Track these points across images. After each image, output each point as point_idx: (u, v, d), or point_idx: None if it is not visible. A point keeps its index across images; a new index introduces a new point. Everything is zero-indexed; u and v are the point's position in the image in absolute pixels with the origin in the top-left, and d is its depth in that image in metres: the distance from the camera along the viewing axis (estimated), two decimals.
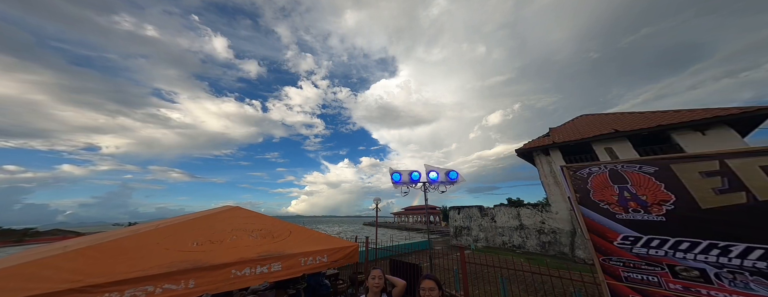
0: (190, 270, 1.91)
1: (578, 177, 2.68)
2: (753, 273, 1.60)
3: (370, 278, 1.82)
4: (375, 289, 1.76)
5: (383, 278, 1.83)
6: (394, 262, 4.90)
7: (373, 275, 1.82)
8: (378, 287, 1.76)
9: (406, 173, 4.41)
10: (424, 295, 1.67)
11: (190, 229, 2.64)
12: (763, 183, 1.71)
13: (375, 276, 1.81)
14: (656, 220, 2.03)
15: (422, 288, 1.71)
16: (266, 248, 2.63)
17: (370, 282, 1.79)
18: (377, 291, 1.77)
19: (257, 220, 3.32)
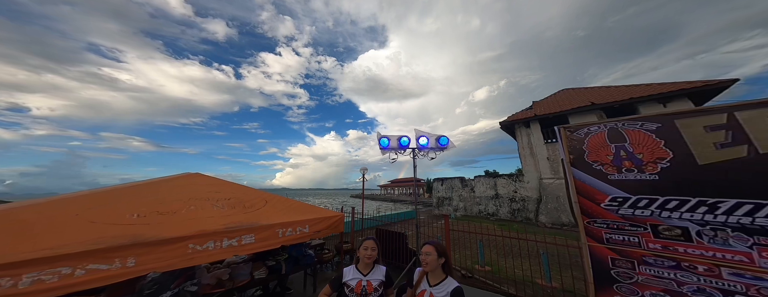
0: (127, 246, 1.52)
1: (575, 137, 2.58)
2: (735, 229, 1.65)
3: (362, 249, 1.63)
4: (367, 260, 1.61)
5: (377, 250, 1.64)
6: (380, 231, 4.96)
7: (365, 246, 1.62)
8: (370, 259, 1.61)
9: (394, 138, 4.10)
10: (422, 258, 1.54)
11: (127, 198, 2.15)
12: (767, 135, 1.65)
13: (368, 247, 1.63)
14: (649, 179, 2.03)
15: (420, 252, 1.58)
16: (235, 219, 2.29)
17: (362, 253, 1.62)
18: (369, 262, 1.62)
19: (225, 188, 2.89)
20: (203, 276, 2.20)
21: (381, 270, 1.68)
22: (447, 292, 1.41)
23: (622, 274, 2.09)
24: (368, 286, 1.57)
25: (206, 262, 1.94)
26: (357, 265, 1.66)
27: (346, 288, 1.58)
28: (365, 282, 1.58)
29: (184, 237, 1.81)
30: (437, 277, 1.50)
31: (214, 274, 2.30)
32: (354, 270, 1.65)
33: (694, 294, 1.76)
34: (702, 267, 1.75)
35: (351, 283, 1.58)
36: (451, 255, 3.33)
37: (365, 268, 1.64)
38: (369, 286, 1.58)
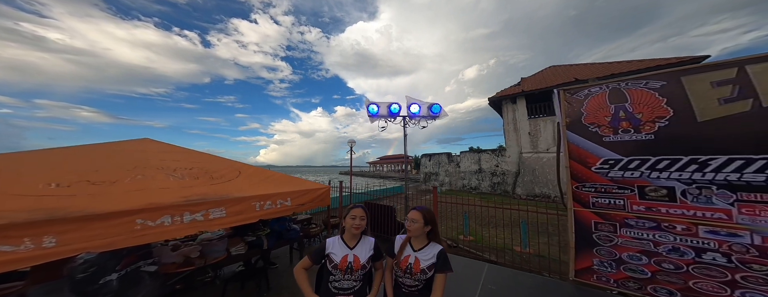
0: (40, 223, 1.17)
1: (575, 99, 2.47)
2: (720, 186, 1.70)
3: (349, 218, 1.36)
4: (354, 231, 1.36)
5: (365, 219, 1.40)
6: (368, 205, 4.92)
7: (353, 214, 1.36)
8: (358, 229, 1.36)
9: (384, 106, 3.77)
10: (408, 225, 1.38)
11: (44, 165, 1.71)
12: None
13: (356, 216, 1.36)
14: (644, 139, 2.02)
15: (408, 219, 1.41)
16: (199, 191, 1.96)
17: (349, 222, 1.35)
18: (356, 233, 1.38)
19: (185, 157, 2.48)
20: (165, 254, 1.93)
21: (369, 242, 1.42)
22: (433, 255, 1.31)
23: (603, 237, 2.18)
24: (355, 262, 1.31)
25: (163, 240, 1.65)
26: (342, 236, 1.43)
27: (328, 262, 1.32)
28: (352, 256, 1.32)
29: (128, 211, 1.48)
30: (421, 243, 1.39)
31: (181, 252, 2.04)
32: (339, 242, 1.39)
33: (668, 253, 1.88)
34: (680, 226, 1.84)
35: (335, 257, 1.32)
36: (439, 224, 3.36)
37: (352, 240, 1.39)
38: (356, 262, 1.31)
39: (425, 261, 1.30)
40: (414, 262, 1.32)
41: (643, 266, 2.01)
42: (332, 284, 1.29)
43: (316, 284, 1.38)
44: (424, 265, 1.29)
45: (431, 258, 1.31)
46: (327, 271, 1.31)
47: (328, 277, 1.30)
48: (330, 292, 1.28)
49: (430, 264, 1.30)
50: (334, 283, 1.29)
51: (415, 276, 1.29)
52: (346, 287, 1.28)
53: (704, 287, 1.77)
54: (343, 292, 1.28)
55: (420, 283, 1.30)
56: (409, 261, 1.33)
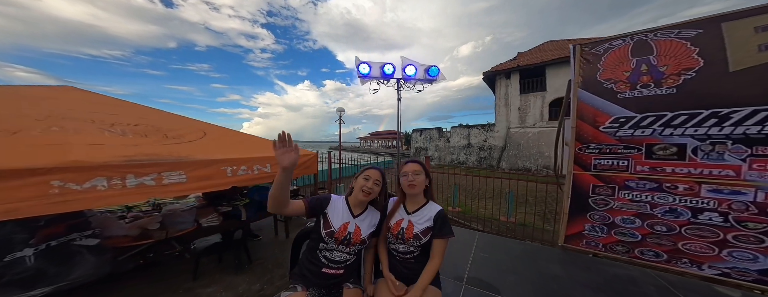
0: None
1: (593, 54, 2.22)
2: (737, 141, 1.60)
3: (362, 178, 1.08)
4: (363, 196, 1.06)
5: (380, 185, 1.10)
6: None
7: (367, 175, 1.08)
8: (368, 195, 1.07)
9: (377, 66, 3.31)
10: (409, 180, 1.11)
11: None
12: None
13: (369, 177, 1.07)
14: (664, 93, 1.86)
15: (403, 173, 1.13)
16: (148, 151, 1.58)
17: (361, 183, 1.07)
18: (365, 200, 1.08)
19: (128, 111, 2.01)
20: (112, 226, 1.61)
21: (375, 215, 1.16)
22: (429, 218, 1.10)
23: (598, 201, 2.15)
24: (355, 234, 1.06)
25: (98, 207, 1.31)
26: (348, 198, 1.14)
27: (323, 225, 1.05)
28: (353, 226, 1.07)
29: (38, 170, 1.10)
30: (417, 203, 1.16)
31: (135, 224, 1.73)
32: (343, 204, 1.11)
33: (663, 215, 1.87)
34: (683, 186, 1.80)
35: (334, 221, 1.06)
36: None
37: (357, 207, 1.12)
38: (356, 234, 1.06)
39: (420, 225, 1.10)
40: (406, 226, 1.11)
41: (634, 229, 2.02)
42: (322, 252, 1.05)
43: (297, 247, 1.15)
44: (417, 229, 1.09)
45: (427, 221, 1.10)
46: (318, 237, 1.05)
47: (319, 243, 1.05)
48: (318, 260, 1.04)
49: (424, 228, 1.09)
50: (324, 252, 1.05)
51: (409, 242, 1.09)
52: (337, 259, 1.05)
53: (692, 248, 1.80)
54: (334, 266, 1.04)
55: (415, 250, 1.11)
56: (402, 225, 1.12)
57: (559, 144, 3.18)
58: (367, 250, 1.20)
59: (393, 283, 1.05)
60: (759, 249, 1.59)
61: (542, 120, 11.65)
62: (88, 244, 1.34)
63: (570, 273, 1.97)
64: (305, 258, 1.09)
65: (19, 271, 1.09)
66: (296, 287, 1.01)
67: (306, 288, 1.01)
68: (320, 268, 1.03)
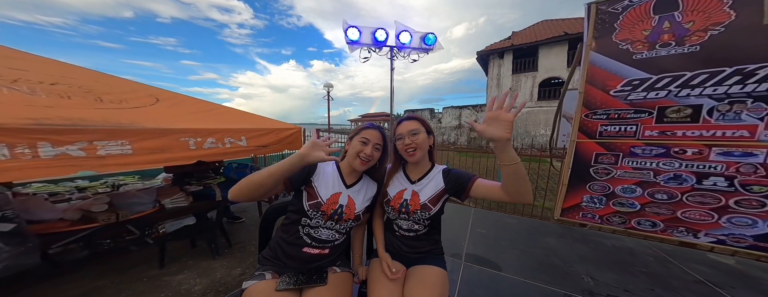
0: None
1: (610, 13, 1.99)
2: (757, 99, 1.48)
3: (358, 141, 0.84)
4: (359, 164, 0.85)
5: (381, 151, 0.87)
6: None
7: (364, 137, 0.84)
8: (365, 164, 0.84)
9: (367, 32, 2.91)
10: (405, 144, 0.87)
11: None
12: None
13: (368, 140, 0.84)
14: (686, 52, 1.69)
15: (399, 135, 0.90)
16: (71, 114, 1.23)
17: (356, 146, 0.84)
18: (361, 167, 0.86)
19: (43, 67, 1.56)
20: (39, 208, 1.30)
21: (372, 187, 0.94)
22: (438, 181, 0.89)
23: (600, 171, 2.07)
24: (348, 208, 0.84)
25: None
26: (339, 163, 0.92)
27: (307, 193, 0.82)
28: (346, 199, 0.85)
29: None
30: (421, 169, 0.93)
31: (74, 206, 1.42)
32: (334, 171, 0.89)
33: (666, 182, 1.80)
34: (691, 150, 1.72)
35: (321, 190, 0.83)
36: None
37: (351, 176, 0.90)
38: (349, 208, 0.84)
39: (427, 192, 0.88)
40: (411, 197, 0.89)
41: (634, 199, 1.97)
42: (304, 229, 0.82)
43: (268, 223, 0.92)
44: (424, 198, 0.87)
45: (436, 185, 0.88)
46: (299, 210, 0.81)
47: (301, 218, 0.81)
48: (298, 239, 0.81)
49: (434, 194, 0.87)
50: (306, 229, 0.82)
51: (414, 215, 0.88)
52: (323, 239, 0.82)
53: (691, 216, 1.77)
54: (317, 245, 0.82)
55: (421, 227, 0.91)
56: (404, 197, 0.90)
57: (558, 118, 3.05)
58: (357, 227, 0.99)
59: (389, 264, 0.86)
60: (759, 214, 1.57)
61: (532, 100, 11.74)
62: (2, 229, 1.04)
63: (569, 246, 1.94)
64: (279, 237, 0.86)
65: None
66: (263, 274, 0.78)
67: (277, 274, 0.79)
68: (300, 248, 0.81)
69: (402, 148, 0.89)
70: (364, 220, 0.96)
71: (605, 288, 1.43)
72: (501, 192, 0.75)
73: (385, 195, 0.94)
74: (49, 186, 2.11)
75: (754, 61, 1.51)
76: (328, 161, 0.77)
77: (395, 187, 0.94)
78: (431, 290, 0.78)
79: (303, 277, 0.78)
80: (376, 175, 0.95)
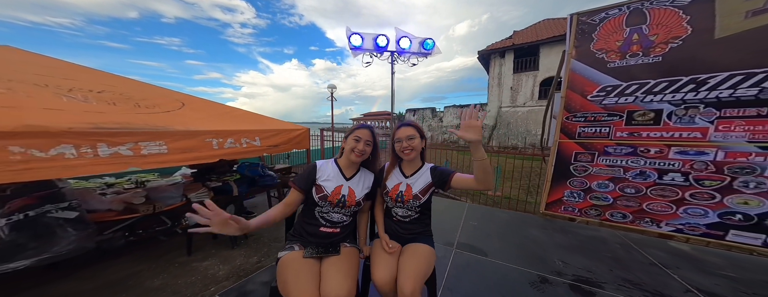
0: None
1: (589, 23, 2.19)
2: (708, 104, 1.71)
3: (352, 139, 1.04)
4: (354, 157, 1.04)
5: (372, 145, 1.07)
6: None
7: (357, 136, 1.03)
8: (360, 156, 1.04)
9: (369, 38, 3.12)
10: (403, 147, 1.08)
11: None
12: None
13: (360, 137, 1.03)
14: (651, 62, 1.92)
15: (397, 139, 1.10)
16: (118, 119, 1.44)
17: (350, 144, 1.04)
18: (357, 161, 1.06)
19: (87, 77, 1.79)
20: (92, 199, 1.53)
21: (368, 177, 1.14)
22: (426, 176, 1.11)
23: (579, 168, 2.30)
24: (349, 197, 1.04)
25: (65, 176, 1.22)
26: (338, 160, 1.12)
27: (315, 191, 1.03)
28: (346, 189, 1.05)
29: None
30: (414, 166, 1.16)
31: (118, 198, 1.65)
32: (334, 167, 1.09)
33: (634, 178, 2.04)
34: (654, 150, 1.95)
35: (327, 185, 1.03)
36: None
37: (349, 169, 1.10)
38: (350, 197, 1.04)
39: (418, 185, 1.10)
40: (405, 189, 1.11)
41: (607, 193, 2.20)
42: (319, 213, 1.05)
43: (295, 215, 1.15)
44: (416, 189, 1.10)
45: (424, 180, 1.10)
46: (312, 201, 1.04)
47: (314, 209, 1.05)
48: (315, 220, 1.05)
49: (423, 187, 1.10)
50: (321, 213, 1.05)
51: (408, 204, 1.10)
52: (334, 220, 1.05)
53: (654, 208, 2.01)
54: (331, 225, 1.05)
55: (414, 213, 1.13)
56: (400, 189, 1.12)
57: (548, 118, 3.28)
58: (361, 213, 1.21)
59: (387, 242, 1.08)
60: (709, 205, 1.80)
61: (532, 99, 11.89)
62: (66, 216, 1.27)
63: (549, 236, 2.17)
64: (301, 219, 1.09)
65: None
66: (293, 247, 1.01)
67: (303, 247, 1.02)
68: (318, 228, 1.04)
69: (399, 149, 1.09)
70: (366, 205, 1.18)
71: (573, 270, 1.67)
72: (473, 181, 0.98)
73: (384, 187, 1.15)
74: (82, 182, 2.35)
75: (706, 71, 1.73)
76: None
77: (392, 181, 1.15)
78: (419, 261, 1.01)
79: (322, 248, 1.01)
80: (371, 167, 1.16)
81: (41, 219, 1.18)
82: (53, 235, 1.19)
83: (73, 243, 1.25)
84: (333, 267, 0.94)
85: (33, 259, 1.12)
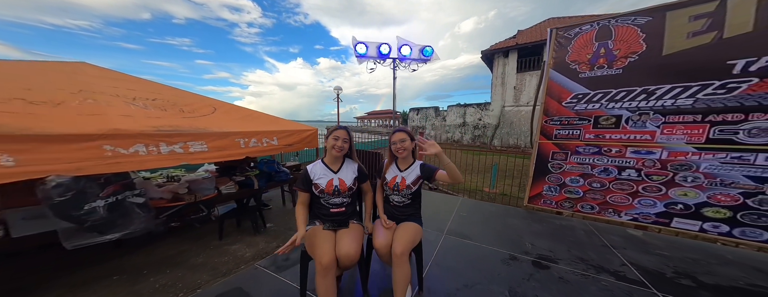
0: None
1: (565, 37, 2.49)
2: (656, 111, 2.02)
3: (331, 139, 1.37)
4: (336, 153, 1.38)
5: (349, 142, 1.41)
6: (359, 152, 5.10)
7: (335, 136, 1.36)
8: (340, 151, 1.38)
9: (373, 46, 3.44)
10: (397, 148, 1.43)
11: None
12: (743, 19, 1.71)
13: (338, 137, 1.36)
14: (613, 73, 2.23)
15: (393, 142, 1.44)
16: (170, 122, 1.81)
17: (330, 142, 1.38)
18: (338, 156, 1.40)
19: (143, 87, 2.17)
20: (151, 189, 1.91)
21: (353, 166, 1.44)
22: (417, 170, 1.44)
23: (555, 165, 2.62)
24: (341, 185, 1.34)
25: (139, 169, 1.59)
26: (324, 159, 1.42)
27: (314, 188, 1.34)
28: (337, 180, 1.35)
29: (91, 135, 1.34)
30: (407, 162, 1.48)
31: (167, 188, 2.02)
32: (321, 166, 1.39)
33: (599, 174, 2.36)
34: (615, 149, 2.27)
35: (320, 182, 1.35)
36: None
37: (334, 164, 1.39)
38: (342, 185, 1.34)
39: (410, 177, 1.44)
40: (400, 181, 1.45)
41: (578, 187, 2.51)
42: (324, 201, 1.40)
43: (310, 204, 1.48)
44: (409, 181, 1.43)
45: (415, 173, 1.44)
46: (315, 196, 1.39)
47: (319, 199, 1.40)
48: (323, 207, 1.39)
49: (415, 177, 1.43)
50: (325, 201, 1.39)
51: (402, 192, 1.44)
52: (337, 203, 1.39)
53: (616, 200, 2.32)
54: (335, 207, 1.39)
55: (406, 199, 1.46)
56: (396, 180, 1.45)
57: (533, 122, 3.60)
58: (365, 196, 1.56)
59: (385, 220, 1.42)
60: (657, 196, 2.11)
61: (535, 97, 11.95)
62: (137, 201, 1.64)
63: (526, 225, 2.50)
64: (315, 207, 1.44)
65: (96, 218, 1.38)
66: (315, 222, 1.37)
67: (322, 223, 1.37)
68: (328, 210, 1.39)
69: (395, 149, 1.43)
70: (366, 188, 1.51)
71: (538, 250, 2.00)
72: (447, 177, 1.32)
73: (384, 179, 1.50)
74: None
75: (654, 83, 2.03)
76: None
77: (390, 174, 1.50)
78: (408, 233, 1.35)
79: (335, 224, 1.36)
80: (352, 156, 1.45)
81: (123, 202, 1.55)
82: (130, 216, 1.56)
83: (142, 223, 1.62)
84: (344, 235, 1.29)
85: (119, 233, 1.49)
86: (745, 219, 1.81)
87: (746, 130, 1.73)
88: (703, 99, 1.85)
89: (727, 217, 1.87)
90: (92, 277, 1.70)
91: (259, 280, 1.65)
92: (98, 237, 1.43)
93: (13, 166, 1.09)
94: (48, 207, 1.25)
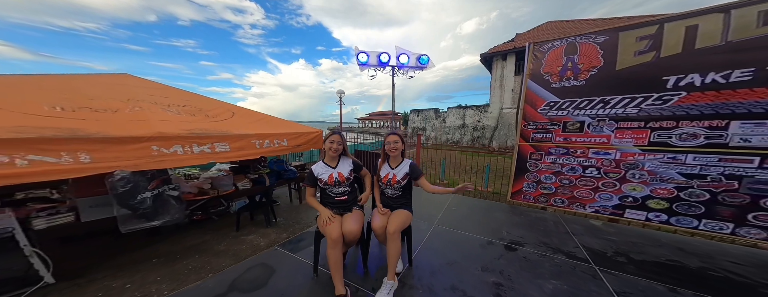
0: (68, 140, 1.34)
1: (540, 51, 2.85)
2: (611, 119, 2.40)
3: (328, 142, 1.68)
4: (332, 153, 1.68)
5: (342, 143, 1.72)
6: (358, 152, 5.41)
7: (331, 140, 1.66)
8: (336, 152, 1.69)
9: (374, 55, 3.78)
10: (390, 148, 1.74)
11: (32, 89, 1.77)
12: (674, 42, 2.07)
13: (334, 140, 1.67)
14: (578, 84, 2.59)
15: (387, 142, 1.76)
16: (199, 126, 2.13)
17: (327, 145, 1.68)
18: (334, 156, 1.70)
19: (174, 94, 2.51)
20: (182, 184, 2.23)
21: (348, 161, 1.75)
22: (406, 168, 1.73)
23: (532, 164, 2.98)
24: (340, 177, 1.67)
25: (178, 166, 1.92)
26: (324, 159, 1.74)
27: (319, 182, 1.68)
28: (336, 174, 1.68)
29: (142, 137, 1.67)
30: (397, 161, 1.76)
31: (193, 184, 2.35)
32: (322, 165, 1.72)
33: (568, 172, 2.73)
34: (579, 150, 2.63)
35: (323, 176, 1.68)
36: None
37: (332, 162, 1.72)
38: (340, 176, 1.67)
39: (400, 174, 1.76)
40: (392, 177, 1.77)
41: (551, 184, 2.86)
42: (327, 192, 1.74)
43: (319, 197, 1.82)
44: (399, 176, 1.76)
45: (404, 170, 1.75)
46: (321, 188, 1.74)
47: (324, 191, 1.74)
48: (329, 196, 1.74)
49: (403, 174, 1.76)
50: (328, 191, 1.74)
51: (394, 186, 1.76)
52: (339, 191, 1.73)
53: (581, 194, 2.67)
54: (339, 195, 1.73)
55: (398, 191, 1.79)
56: (389, 177, 1.78)
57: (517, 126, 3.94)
58: (365, 178, 1.88)
59: (381, 208, 1.76)
60: (613, 191, 2.47)
61: None
62: (173, 194, 1.96)
63: (508, 217, 2.84)
64: (322, 197, 1.79)
65: (146, 207, 1.70)
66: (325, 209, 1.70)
67: (330, 210, 1.70)
68: (334, 198, 1.73)
69: (388, 149, 1.76)
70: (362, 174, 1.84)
71: (511, 237, 2.34)
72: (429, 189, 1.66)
73: (378, 176, 1.83)
74: None
75: (609, 94, 2.38)
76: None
77: (384, 171, 1.82)
78: (400, 217, 1.67)
79: (340, 210, 1.71)
80: (346, 154, 1.77)
81: (163, 194, 1.87)
82: (168, 206, 1.89)
83: (177, 213, 1.94)
84: (349, 218, 1.64)
85: (161, 220, 1.81)
86: (679, 209, 2.17)
87: (678, 134, 2.09)
88: (645, 108, 2.21)
89: (665, 207, 2.23)
90: (133, 260, 2.01)
91: (280, 259, 2.00)
92: (145, 223, 1.75)
93: (90, 162, 1.42)
94: (112, 196, 1.57)
